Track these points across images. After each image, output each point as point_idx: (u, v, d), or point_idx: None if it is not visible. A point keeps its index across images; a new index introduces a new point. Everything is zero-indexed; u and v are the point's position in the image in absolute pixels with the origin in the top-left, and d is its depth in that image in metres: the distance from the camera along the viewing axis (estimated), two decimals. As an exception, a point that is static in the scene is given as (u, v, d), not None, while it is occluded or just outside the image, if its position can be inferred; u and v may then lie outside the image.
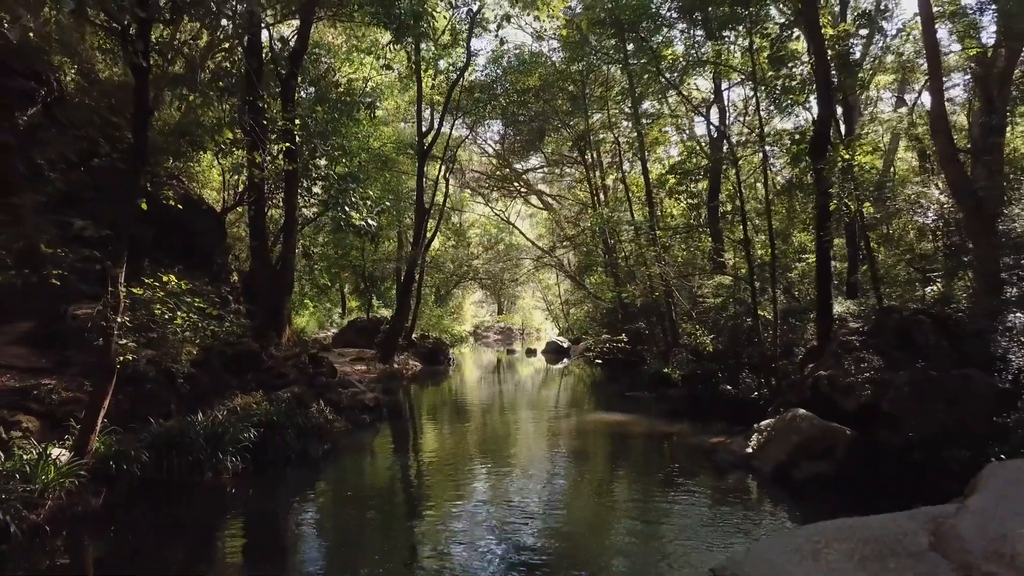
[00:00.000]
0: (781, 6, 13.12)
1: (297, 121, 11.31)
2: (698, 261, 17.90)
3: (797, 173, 12.16)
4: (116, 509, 6.36)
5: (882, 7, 12.91)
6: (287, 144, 10.68)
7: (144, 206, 6.27)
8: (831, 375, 8.68)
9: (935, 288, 10.74)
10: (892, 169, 20.57)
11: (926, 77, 15.76)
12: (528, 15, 19.37)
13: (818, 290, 11.24)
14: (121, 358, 6.43)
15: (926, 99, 17.55)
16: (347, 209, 13.10)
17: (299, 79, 13.65)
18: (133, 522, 6.33)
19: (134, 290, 7.09)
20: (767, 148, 12.71)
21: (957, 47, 13.97)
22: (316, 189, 13.80)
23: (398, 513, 7.06)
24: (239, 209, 17.05)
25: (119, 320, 6.17)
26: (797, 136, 11.90)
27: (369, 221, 13.61)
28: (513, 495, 7.36)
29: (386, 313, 26.53)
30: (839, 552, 2.26)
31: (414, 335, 23.90)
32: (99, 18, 6.56)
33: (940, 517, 2.47)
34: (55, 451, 6.22)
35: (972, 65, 13.26)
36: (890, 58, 16.12)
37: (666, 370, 13.66)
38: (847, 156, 11.50)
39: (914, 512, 2.64)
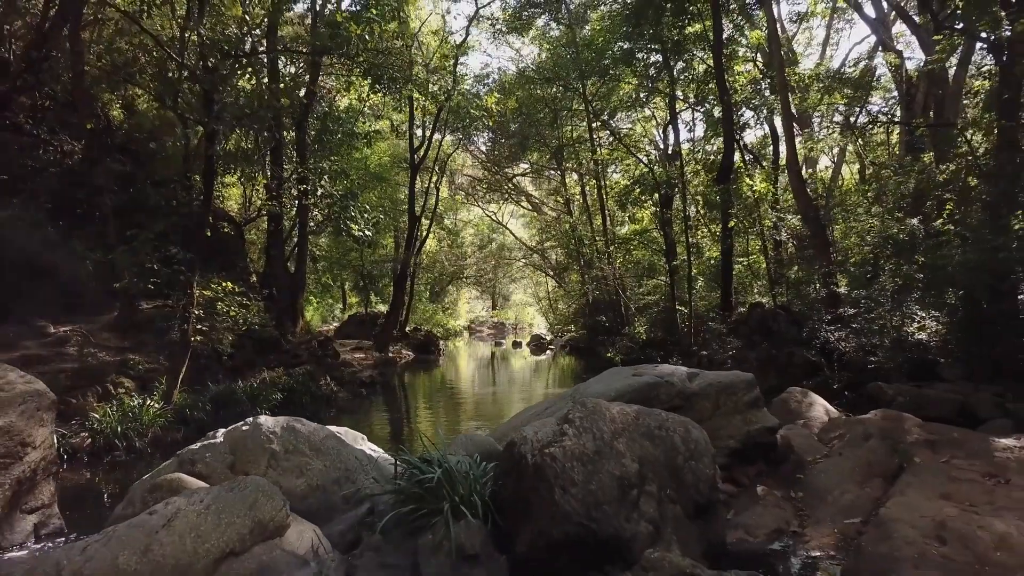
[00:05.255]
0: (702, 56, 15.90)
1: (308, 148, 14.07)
2: (651, 263, 20.78)
3: (709, 194, 15.00)
4: (190, 441, 9.24)
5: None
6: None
7: (208, 233, 9.16)
8: (709, 354, 11.58)
9: (813, 288, 13.59)
10: (839, 179, 23.39)
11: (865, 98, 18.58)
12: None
13: (722, 289, 14.14)
14: (193, 338, 9.34)
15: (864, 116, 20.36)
16: (348, 222, 15.95)
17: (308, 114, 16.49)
18: (202, 450, 9.26)
19: (205, 292, 10.00)
20: (688, 171, 15.60)
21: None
22: (321, 206, 16.65)
23: (395, 432, 10.13)
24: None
25: (194, 312, 9.06)
26: (708, 162, 14.74)
27: (366, 232, 16.48)
28: (472, 415, 11.17)
29: (383, 308, 29.23)
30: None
31: (408, 328, 26.73)
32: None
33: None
34: (149, 402, 9.15)
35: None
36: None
37: (609, 354, 16.55)
38: (750, 183, 14.38)
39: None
